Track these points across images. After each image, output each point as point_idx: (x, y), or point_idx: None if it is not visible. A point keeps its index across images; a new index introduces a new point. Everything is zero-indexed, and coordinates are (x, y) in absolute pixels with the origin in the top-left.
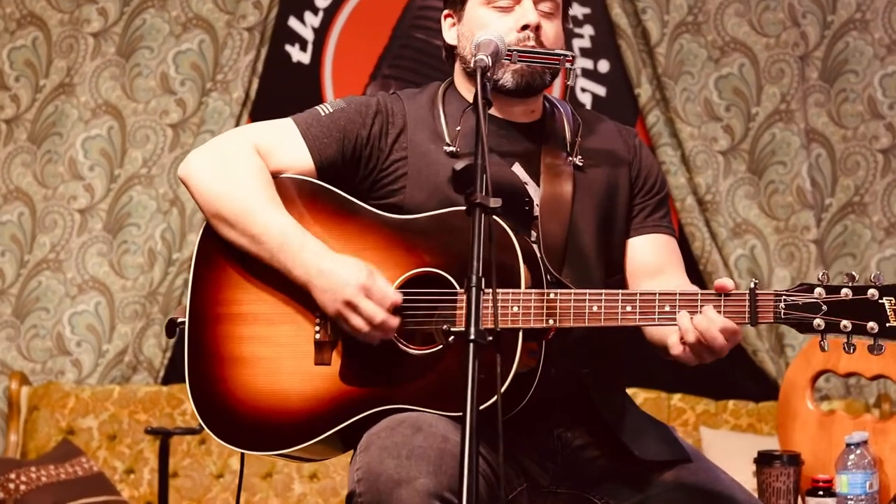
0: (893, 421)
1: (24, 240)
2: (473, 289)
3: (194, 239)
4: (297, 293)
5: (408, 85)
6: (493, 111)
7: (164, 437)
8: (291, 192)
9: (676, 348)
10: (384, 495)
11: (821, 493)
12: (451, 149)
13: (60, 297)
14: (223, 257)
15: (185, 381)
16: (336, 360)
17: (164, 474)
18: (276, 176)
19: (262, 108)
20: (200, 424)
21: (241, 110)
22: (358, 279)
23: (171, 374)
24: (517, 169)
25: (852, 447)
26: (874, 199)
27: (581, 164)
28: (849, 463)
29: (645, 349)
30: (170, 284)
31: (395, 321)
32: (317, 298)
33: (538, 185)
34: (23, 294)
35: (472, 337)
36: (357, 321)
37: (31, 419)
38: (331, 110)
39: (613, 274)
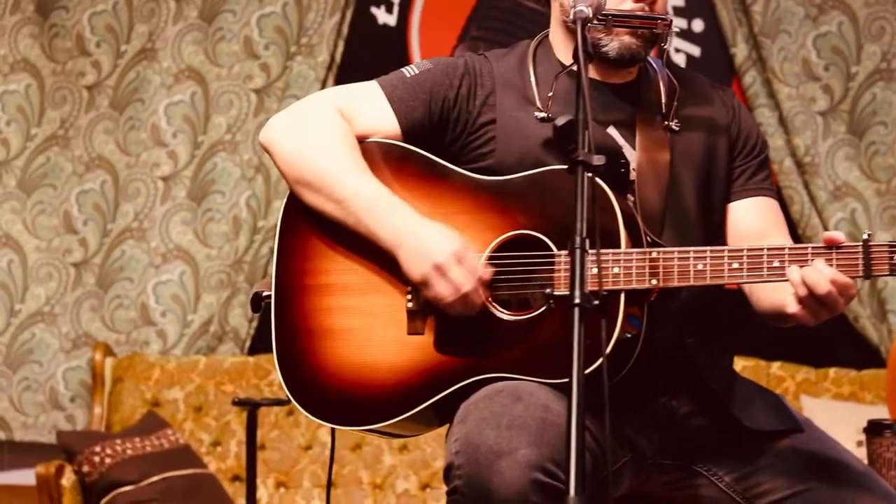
0: None
1: (107, 208)
2: (577, 250)
3: (280, 206)
4: (386, 261)
5: (497, 47)
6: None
7: (251, 409)
8: (377, 156)
9: (792, 307)
10: (484, 467)
11: None
12: (542, 114)
13: (144, 267)
14: (309, 227)
15: (271, 352)
16: (430, 329)
17: (251, 446)
18: (360, 141)
19: (348, 71)
20: (288, 397)
21: (326, 74)
22: (451, 246)
23: (258, 344)
24: (612, 132)
25: None
26: None
27: (677, 128)
28: None
29: (743, 315)
30: (255, 253)
31: (481, 296)
32: (402, 262)
33: (633, 148)
34: (106, 264)
35: (577, 301)
36: (443, 287)
37: (116, 391)
38: (417, 72)
39: (714, 240)
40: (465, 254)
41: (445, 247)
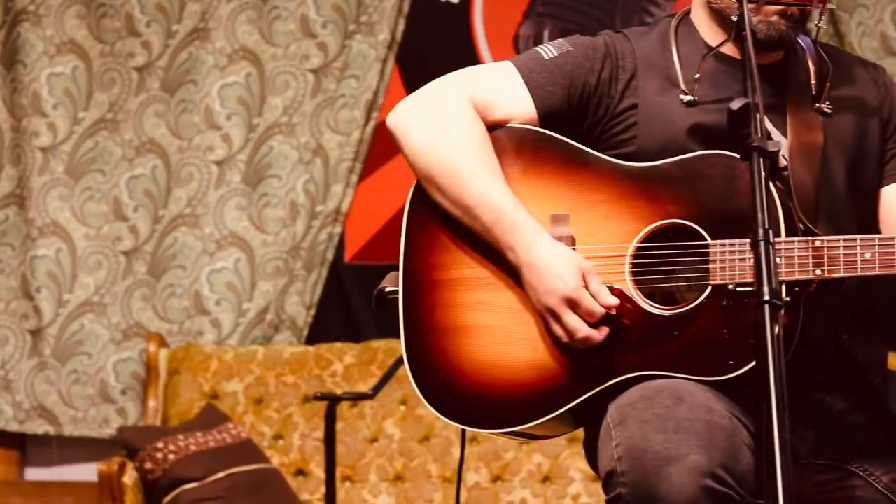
0: None
1: (159, 194)
2: (762, 243)
3: (338, 190)
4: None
5: (565, 24)
6: (728, 50)
7: (331, 404)
8: (514, 143)
9: None
10: (651, 474)
11: None
12: (689, 97)
13: (198, 254)
14: (437, 218)
15: (331, 342)
16: None
17: (330, 443)
18: (496, 127)
19: (410, 51)
20: (421, 398)
21: (387, 53)
22: (564, 288)
23: (316, 334)
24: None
25: None
26: None
27: (829, 110)
28: None
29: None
30: (313, 239)
31: (599, 337)
32: (525, 287)
33: (784, 133)
34: (158, 251)
35: (767, 297)
36: (558, 330)
37: (172, 383)
38: (555, 53)
39: (868, 228)
40: (582, 295)
41: (560, 288)
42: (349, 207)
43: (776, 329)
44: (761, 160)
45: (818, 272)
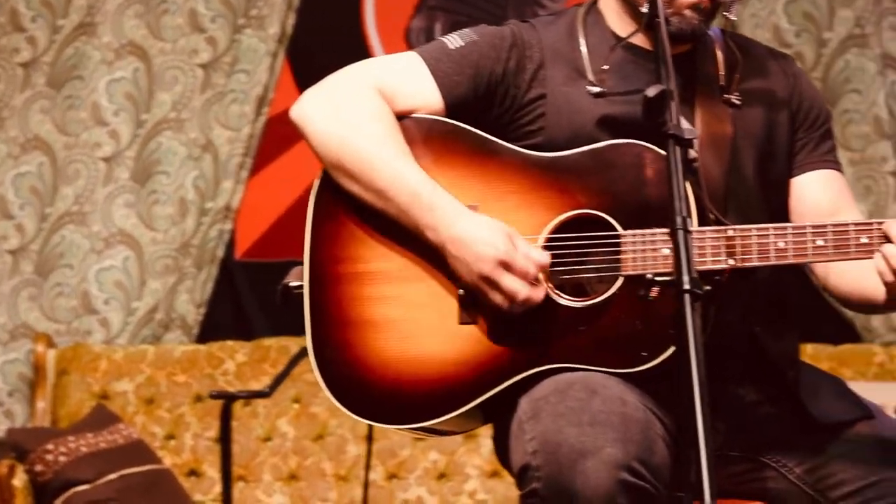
0: None
1: (45, 192)
2: (680, 231)
3: (228, 186)
4: (432, 246)
5: (457, 17)
6: (637, 41)
7: (226, 402)
8: (422, 133)
9: (883, 293)
10: (566, 468)
11: None
12: (597, 89)
13: (85, 253)
14: (344, 210)
15: (223, 340)
16: (484, 318)
17: (226, 442)
18: (402, 117)
19: (301, 44)
20: (325, 390)
21: (277, 47)
22: (496, 252)
23: (207, 332)
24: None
25: None
26: None
27: (738, 102)
28: None
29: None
30: (203, 236)
31: (539, 294)
32: (451, 266)
33: (692, 124)
34: (45, 250)
35: (687, 287)
36: (496, 297)
37: (61, 384)
38: (461, 43)
39: (778, 219)
40: (514, 255)
41: (490, 253)
42: (239, 204)
43: (696, 319)
44: (677, 148)
45: (731, 262)
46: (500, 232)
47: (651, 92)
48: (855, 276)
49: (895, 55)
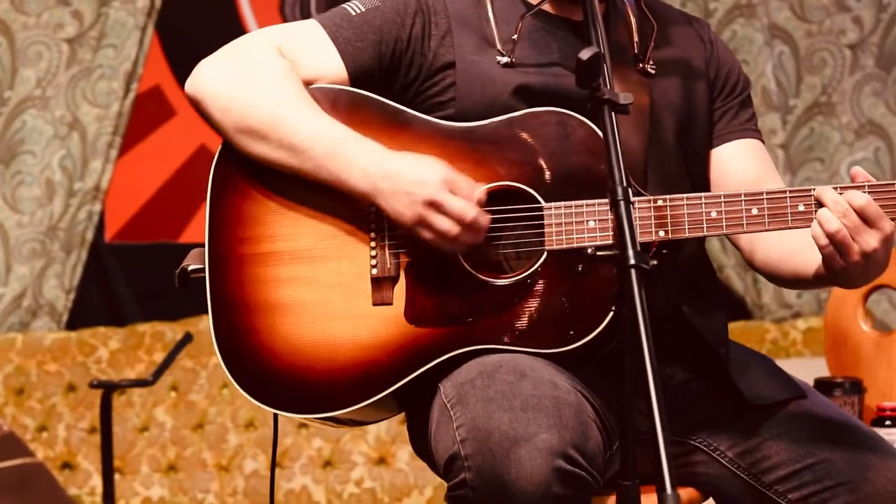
0: None
1: None
2: (621, 202)
3: (97, 166)
4: (344, 221)
5: None
6: (547, 7)
7: (106, 392)
8: (327, 104)
9: (821, 262)
10: (499, 456)
11: (888, 422)
12: (505, 59)
13: None
14: (247, 187)
15: (94, 326)
16: (399, 297)
17: (107, 434)
18: (307, 88)
19: (170, 17)
20: (230, 379)
21: (146, 21)
22: (439, 174)
23: (77, 319)
24: None
25: None
26: (842, 98)
27: (653, 70)
28: None
29: None
30: (72, 218)
31: (486, 218)
32: (386, 206)
33: None
34: None
35: (633, 261)
36: (444, 223)
37: None
38: (363, 9)
39: (699, 191)
40: (456, 177)
41: (434, 174)
42: (109, 184)
43: (643, 296)
44: (612, 114)
45: (661, 233)
46: (435, 160)
47: (584, 55)
48: (786, 250)
49: (782, 26)
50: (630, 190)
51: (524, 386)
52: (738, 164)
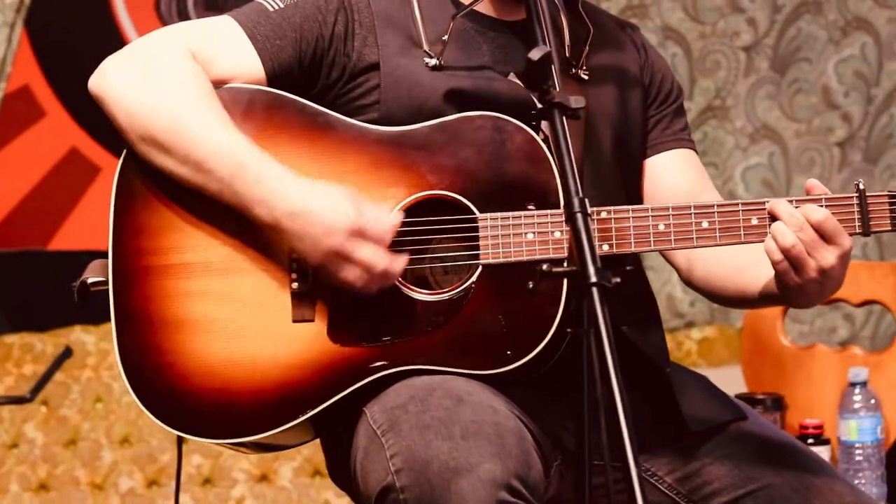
0: (889, 354)
1: None
2: (578, 215)
3: None
4: (261, 232)
5: None
6: (480, 7)
7: None
8: (242, 105)
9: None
10: (438, 488)
11: (811, 440)
12: (434, 61)
13: None
14: (154, 193)
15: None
16: (322, 314)
17: None
18: (218, 88)
19: (41, 15)
20: (139, 405)
21: (15, 18)
22: (346, 221)
23: None
24: (515, 79)
25: (857, 386)
26: (736, 102)
27: (586, 76)
28: (855, 405)
29: None
30: None
31: (400, 264)
32: (290, 246)
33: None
34: None
35: (594, 279)
36: (352, 273)
37: None
38: (281, 5)
39: (637, 203)
40: (365, 220)
41: (340, 222)
42: None
43: (607, 315)
44: (563, 118)
45: (605, 247)
46: (344, 197)
47: (535, 54)
48: (732, 266)
49: (675, 27)
50: (586, 201)
51: (462, 411)
52: (672, 175)
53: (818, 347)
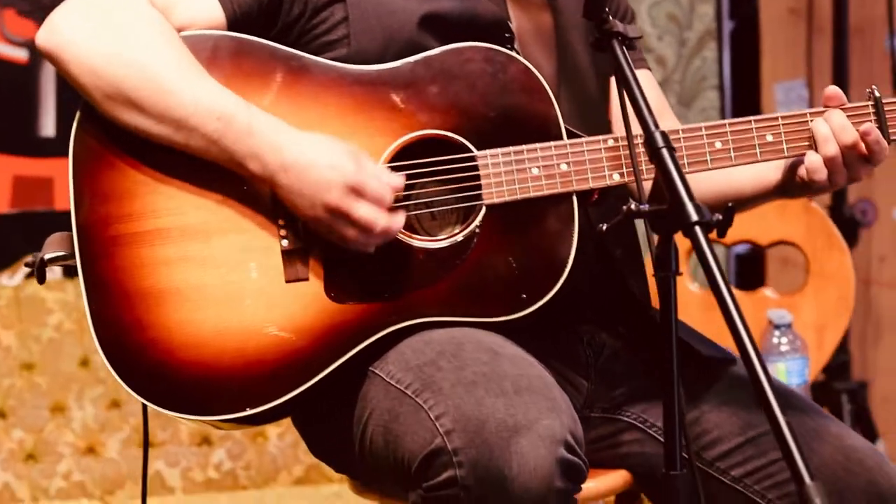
0: (802, 295)
1: None
2: (664, 150)
3: None
4: (241, 187)
5: None
6: None
7: None
8: (207, 53)
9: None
10: (498, 450)
11: None
12: None
13: None
14: (119, 154)
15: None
16: (316, 271)
17: None
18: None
19: None
20: (123, 385)
21: None
22: (344, 176)
23: None
24: None
25: (781, 329)
26: None
27: None
28: (782, 347)
29: None
30: None
31: (399, 222)
32: (284, 200)
33: (507, 15)
34: None
35: (695, 217)
36: (350, 232)
37: None
38: None
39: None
40: (364, 175)
41: (338, 178)
42: None
43: (716, 256)
44: (625, 49)
45: (616, 177)
46: (344, 152)
47: None
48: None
49: None
50: (668, 134)
51: (503, 365)
52: None
53: None
